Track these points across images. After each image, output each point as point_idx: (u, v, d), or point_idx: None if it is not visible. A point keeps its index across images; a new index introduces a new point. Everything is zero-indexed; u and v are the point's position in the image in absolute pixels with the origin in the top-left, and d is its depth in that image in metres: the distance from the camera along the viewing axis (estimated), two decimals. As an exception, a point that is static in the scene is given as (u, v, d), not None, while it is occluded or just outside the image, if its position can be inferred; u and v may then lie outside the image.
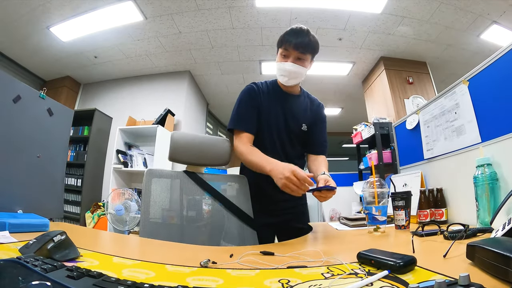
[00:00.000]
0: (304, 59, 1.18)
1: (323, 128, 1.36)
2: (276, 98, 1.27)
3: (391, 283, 0.43)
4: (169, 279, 0.49)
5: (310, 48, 1.17)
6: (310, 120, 1.30)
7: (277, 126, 1.24)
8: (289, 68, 1.17)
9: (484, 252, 0.46)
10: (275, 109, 1.25)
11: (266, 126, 1.24)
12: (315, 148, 1.32)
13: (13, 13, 2.88)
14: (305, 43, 1.15)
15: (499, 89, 1.01)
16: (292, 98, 1.29)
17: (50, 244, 0.55)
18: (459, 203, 1.18)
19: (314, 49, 1.19)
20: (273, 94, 1.27)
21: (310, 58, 1.21)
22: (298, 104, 1.30)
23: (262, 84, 1.30)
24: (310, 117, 1.31)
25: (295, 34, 1.16)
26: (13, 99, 1.22)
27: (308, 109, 1.32)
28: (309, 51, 1.18)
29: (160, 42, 3.54)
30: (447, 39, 3.36)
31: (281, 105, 1.25)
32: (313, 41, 1.18)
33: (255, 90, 1.26)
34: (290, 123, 1.25)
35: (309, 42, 1.16)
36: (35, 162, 1.32)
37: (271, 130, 1.24)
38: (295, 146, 1.28)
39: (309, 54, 1.19)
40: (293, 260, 0.61)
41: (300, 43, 1.15)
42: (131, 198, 2.51)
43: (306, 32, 1.17)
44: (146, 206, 1.08)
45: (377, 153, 2.72)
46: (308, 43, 1.16)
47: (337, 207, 3.44)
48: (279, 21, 3.17)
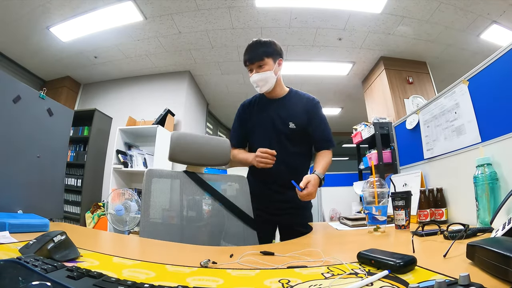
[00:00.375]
0: (264, 65, 1.30)
1: (319, 124, 1.39)
2: (263, 106, 1.41)
3: (391, 283, 0.43)
4: (169, 279, 0.49)
5: (263, 53, 1.29)
6: (301, 117, 1.36)
7: (264, 129, 1.37)
8: (254, 78, 1.31)
9: (484, 252, 0.45)
10: (262, 115, 1.39)
11: (257, 131, 1.40)
12: (315, 145, 1.42)
13: (13, 13, 2.88)
14: (256, 53, 1.30)
15: (499, 89, 1.01)
16: (276, 101, 1.40)
17: (50, 244, 0.55)
18: (459, 203, 1.18)
19: (268, 52, 1.31)
20: (260, 103, 1.43)
21: (272, 61, 1.32)
22: (282, 105, 1.39)
23: (252, 99, 1.47)
24: (301, 114, 1.37)
25: (247, 50, 1.33)
26: (13, 99, 1.22)
27: (297, 107, 1.38)
28: (264, 56, 1.29)
29: (160, 42, 3.54)
30: (447, 39, 3.36)
31: (267, 111, 1.39)
32: (264, 46, 1.31)
33: (242, 108, 1.46)
34: (277, 124, 1.35)
35: (260, 49, 1.30)
36: (35, 162, 1.32)
37: (260, 133, 1.39)
38: (284, 144, 1.34)
39: (266, 58, 1.30)
40: (293, 260, 0.61)
41: (252, 55, 1.30)
42: (131, 198, 2.51)
43: (256, 43, 1.33)
44: (146, 206, 1.08)
45: (377, 153, 2.72)
46: (259, 51, 1.30)
47: (337, 207, 3.44)
48: (279, 21, 3.17)
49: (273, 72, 1.31)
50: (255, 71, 1.30)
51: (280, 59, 1.35)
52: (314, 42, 3.56)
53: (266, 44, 1.32)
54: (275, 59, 1.33)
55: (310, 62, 4.02)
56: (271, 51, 1.31)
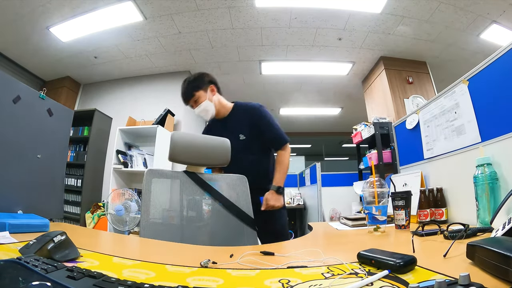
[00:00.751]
0: (197, 98, 1.47)
1: (267, 127, 1.51)
2: (216, 127, 1.57)
3: (391, 283, 0.43)
4: (169, 279, 0.49)
5: (192, 89, 1.47)
6: (249, 127, 1.50)
7: None
8: (196, 112, 1.50)
9: (484, 251, 0.45)
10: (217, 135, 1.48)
11: None
12: (271, 147, 1.57)
13: (13, 13, 2.88)
14: (186, 92, 1.47)
15: (499, 89, 1.01)
16: (224, 120, 1.56)
17: (50, 245, 0.55)
18: (459, 203, 1.18)
19: (196, 86, 1.47)
20: (213, 126, 1.60)
21: (203, 92, 1.48)
22: (230, 121, 1.55)
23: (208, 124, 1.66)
24: (248, 124, 1.51)
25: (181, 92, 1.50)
26: (13, 99, 1.22)
27: (243, 119, 1.53)
28: (194, 92, 1.46)
29: (160, 42, 3.54)
30: (447, 38, 3.36)
31: (219, 130, 1.50)
32: (192, 82, 1.48)
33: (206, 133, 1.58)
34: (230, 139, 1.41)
35: (189, 87, 1.47)
36: (35, 162, 1.32)
37: None
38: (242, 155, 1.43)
39: (197, 93, 1.46)
40: (293, 260, 0.61)
41: (185, 96, 1.48)
42: (131, 199, 2.51)
43: (184, 83, 1.49)
44: (146, 206, 1.08)
45: (377, 153, 2.72)
46: (188, 89, 1.47)
47: (337, 207, 3.44)
48: (279, 21, 3.17)
49: (209, 100, 1.48)
50: (194, 106, 1.49)
51: (211, 85, 1.52)
52: (314, 42, 3.56)
53: (193, 80, 1.50)
54: (206, 88, 1.49)
55: (310, 62, 4.02)
56: (199, 84, 1.48)
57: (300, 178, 4.28)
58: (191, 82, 1.49)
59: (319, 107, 5.59)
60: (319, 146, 8.40)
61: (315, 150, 8.63)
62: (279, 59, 3.97)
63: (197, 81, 1.49)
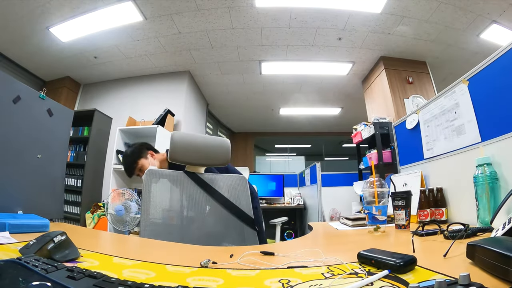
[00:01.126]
0: (141, 166, 1.55)
1: None
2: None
3: (392, 282, 0.43)
4: (170, 279, 0.49)
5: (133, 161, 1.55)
6: None
7: None
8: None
9: (485, 251, 0.45)
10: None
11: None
12: None
13: (13, 13, 2.88)
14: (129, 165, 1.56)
15: (499, 89, 1.01)
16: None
17: (50, 245, 0.55)
18: (459, 203, 1.18)
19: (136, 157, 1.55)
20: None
21: (144, 159, 1.56)
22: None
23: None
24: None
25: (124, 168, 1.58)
26: (13, 99, 1.22)
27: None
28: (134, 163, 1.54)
29: (160, 42, 3.54)
30: (447, 38, 3.36)
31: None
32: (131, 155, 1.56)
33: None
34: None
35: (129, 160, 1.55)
36: (35, 163, 1.32)
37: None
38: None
39: (139, 161, 1.54)
40: (293, 260, 0.61)
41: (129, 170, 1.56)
42: (131, 199, 2.51)
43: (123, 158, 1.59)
44: (146, 206, 1.08)
45: (377, 152, 2.72)
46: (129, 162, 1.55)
47: (337, 207, 3.44)
48: (279, 21, 3.17)
49: (151, 165, 1.56)
50: (140, 175, 1.52)
51: (149, 151, 1.60)
52: (314, 42, 3.56)
53: (131, 153, 1.58)
54: (145, 155, 1.57)
55: (310, 62, 4.02)
56: (137, 154, 1.56)
57: (300, 178, 4.28)
58: (129, 156, 1.57)
59: (319, 107, 5.59)
60: (319, 146, 8.40)
61: (315, 150, 8.63)
62: (279, 59, 3.97)
63: (134, 152, 1.58)
